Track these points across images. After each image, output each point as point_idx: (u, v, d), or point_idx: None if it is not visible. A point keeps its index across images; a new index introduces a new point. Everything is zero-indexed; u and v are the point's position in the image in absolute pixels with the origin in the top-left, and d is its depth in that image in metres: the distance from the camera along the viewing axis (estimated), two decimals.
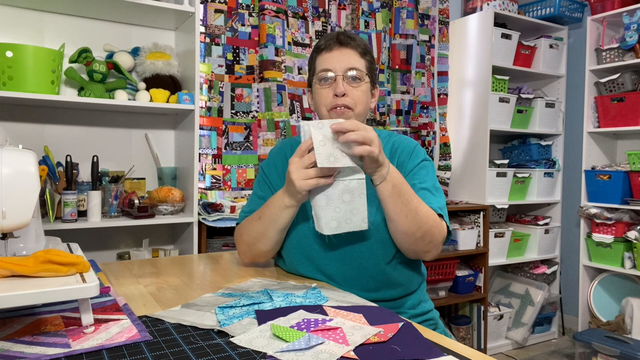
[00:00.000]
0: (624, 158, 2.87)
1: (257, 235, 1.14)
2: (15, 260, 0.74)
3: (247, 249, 1.19)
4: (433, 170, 1.18)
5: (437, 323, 1.24)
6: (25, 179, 0.81)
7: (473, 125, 2.88)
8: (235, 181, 2.35)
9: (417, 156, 1.17)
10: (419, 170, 1.15)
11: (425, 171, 1.15)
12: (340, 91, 1.12)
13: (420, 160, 1.16)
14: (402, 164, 1.15)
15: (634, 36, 2.60)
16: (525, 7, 3.10)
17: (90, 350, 0.68)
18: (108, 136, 2.11)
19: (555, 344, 3.04)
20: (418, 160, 1.16)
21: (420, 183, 1.11)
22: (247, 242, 1.17)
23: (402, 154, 1.17)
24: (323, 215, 0.98)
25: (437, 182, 1.16)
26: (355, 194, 0.97)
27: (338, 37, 1.15)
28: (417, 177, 1.13)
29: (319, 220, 0.99)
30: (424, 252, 1.08)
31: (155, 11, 1.97)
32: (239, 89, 2.37)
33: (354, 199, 0.97)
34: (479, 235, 2.75)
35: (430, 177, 1.15)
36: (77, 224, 1.78)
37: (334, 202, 0.97)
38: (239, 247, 1.22)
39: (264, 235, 1.13)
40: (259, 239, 1.14)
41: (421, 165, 1.16)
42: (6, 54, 1.65)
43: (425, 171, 1.15)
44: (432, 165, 1.20)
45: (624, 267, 2.64)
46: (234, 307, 0.86)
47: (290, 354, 0.67)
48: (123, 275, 1.14)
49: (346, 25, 2.70)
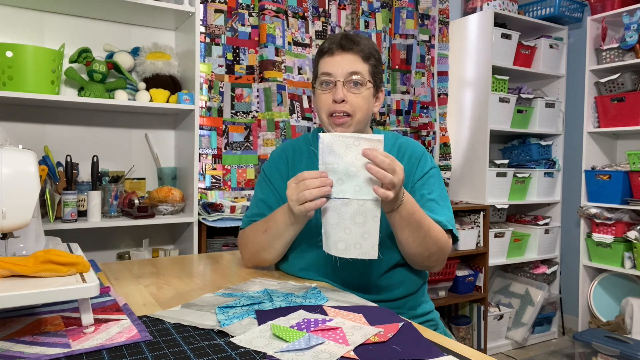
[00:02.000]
0: (624, 158, 2.87)
1: (263, 246, 1.14)
2: (15, 260, 0.74)
3: (252, 257, 1.20)
4: (440, 178, 1.19)
5: (438, 324, 1.24)
6: (25, 179, 0.81)
7: (473, 125, 2.88)
8: (235, 181, 2.35)
9: (425, 163, 1.17)
10: (428, 179, 1.16)
11: (434, 180, 1.16)
12: (339, 97, 1.10)
13: (429, 169, 1.17)
14: (410, 171, 1.16)
15: (634, 36, 2.60)
16: (525, 7, 3.10)
17: (90, 350, 0.68)
18: (108, 136, 2.11)
19: (555, 344, 3.04)
20: (427, 168, 1.17)
21: (429, 194, 1.13)
22: (252, 251, 1.19)
23: (411, 159, 1.18)
24: (332, 234, 0.95)
25: (445, 190, 1.18)
26: (368, 216, 0.92)
27: (341, 41, 1.13)
28: (426, 187, 1.14)
29: (327, 239, 0.96)
30: (429, 267, 1.15)
31: (155, 11, 1.97)
32: (239, 89, 2.37)
33: (367, 221, 0.92)
34: (479, 235, 2.75)
35: (438, 186, 1.16)
36: (77, 224, 1.78)
37: (345, 222, 0.93)
38: (243, 254, 1.22)
39: (270, 247, 1.13)
40: (264, 249, 1.15)
41: (430, 174, 1.17)
42: (6, 54, 1.65)
43: (434, 180, 1.16)
44: (439, 172, 1.21)
45: (624, 267, 2.64)
46: (234, 307, 0.86)
47: (290, 354, 0.67)
48: (123, 275, 1.14)
49: (346, 25, 2.70)
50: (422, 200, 1.11)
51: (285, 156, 1.25)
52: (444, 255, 1.11)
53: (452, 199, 2.98)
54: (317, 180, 0.92)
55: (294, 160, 1.23)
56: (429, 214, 1.08)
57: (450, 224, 1.12)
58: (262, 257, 1.17)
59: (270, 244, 1.12)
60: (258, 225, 1.16)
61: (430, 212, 1.10)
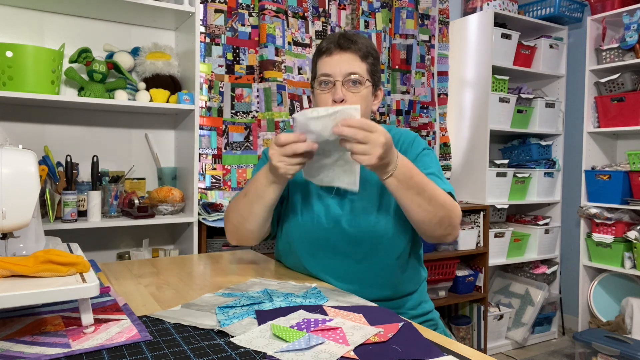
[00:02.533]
0: (624, 158, 2.87)
1: (244, 214, 1.13)
2: (15, 260, 0.74)
3: (235, 229, 1.18)
4: (436, 158, 1.18)
5: (438, 324, 1.24)
6: (25, 179, 0.81)
7: (473, 125, 2.88)
8: (235, 181, 2.35)
9: (418, 146, 1.17)
10: (422, 157, 1.15)
11: (428, 158, 1.15)
12: (338, 97, 1.11)
13: (421, 149, 1.17)
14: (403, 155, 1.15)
15: (634, 36, 2.60)
16: (525, 7, 3.10)
17: (90, 350, 0.68)
18: (108, 136, 2.11)
19: (555, 344, 3.04)
20: (420, 149, 1.17)
21: (425, 169, 1.10)
22: (234, 222, 1.16)
23: (404, 145, 1.18)
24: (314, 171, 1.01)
25: (441, 169, 1.16)
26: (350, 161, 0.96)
27: (339, 41, 1.14)
28: (421, 164, 1.12)
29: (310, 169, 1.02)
30: (443, 236, 1.08)
31: (155, 11, 1.97)
32: (239, 89, 2.37)
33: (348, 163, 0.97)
34: (479, 235, 2.75)
35: (434, 163, 1.15)
36: (77, 224, 1.77)
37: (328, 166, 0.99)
38: (227, 227, 1.20)
39: (250, 213, 1.11)
40: (246, 217, 1.13)
41: (423, 154, 1.16)
42: (6, 54, 1.65)
43: (429, 158, 1.16)
44: (434, 153, 1.20)
45: (624, 267, 2.64)
46: (234, 307, 0.86)
47: (290, 354, 0.67)
48: (123, 275, 1.14)
49: (346, 25, 2.70)
50: None
51: None
52: (456, 219, 1.06)
53: None
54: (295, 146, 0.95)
55: None
56: None
57: (453, 193, 1.10)
58: (245, 229, 1.15)
59: (251, 209, 1.11)
60: (240, 192, 1.16)
61: None
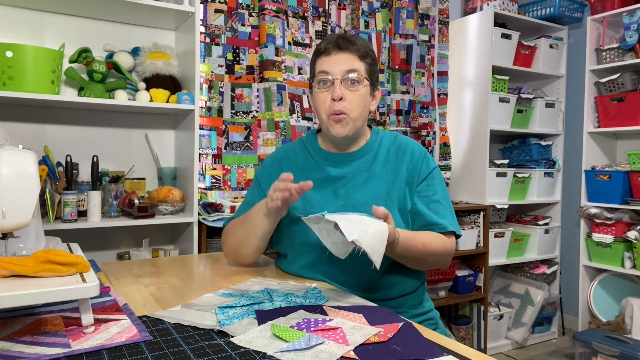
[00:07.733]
0: (624, 158, 2.87)
1: (240, 239, 1.20)
2: (15, 260, 0.74)
3: (232, 251, 1.26)
4: (442, 179, 1.24)
5: (437, 323, 1.24)
6: (25, 179, 0.81)
7: (473, 125, 2.88)
8: (235, 181, 2.35)
9: (429, 163, 1.21)
10: (432, 180, 1.20)
11: (437, 181, 1.21)
12: (337, 95, 1.12)
13: (432, 169, 1.21)
14: (415, 168, 1.19)
15: (634, 36, 2.60)
16: (525, 7, 3.10)
17: (90, 350, 0.68)
18: (108, 136, 2.11)
19: (555, 344, 3.04)
20: (431, 168, 1.21)
21: (433, 195, 1.17)
22: (231, 245, 1.25)
23: (414, 157, 1.21)
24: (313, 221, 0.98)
25: (446, 190, 1.23)
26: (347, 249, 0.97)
27: (337, 41, 1.15)
28: (431, 189, 1.18)
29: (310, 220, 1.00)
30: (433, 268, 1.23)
31: (155, 11, 1.97)
32: (239, 89, 2.37)
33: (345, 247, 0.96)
34: (479, 235, 2.75)
35: (441, 187, 1.21)
36: (77, 224, 1.78)
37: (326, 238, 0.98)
38: (224, 248, 1.28)
39: (246, 240, 1.19)
40: (241, 243, 1.21)
41: (434, 175, 1.21)
42: (6, 54, 1.65)
43: (438, 181, 1.21)
44: (441, 173, 1.25)
45: (624, 267, 2.64)
46: (234, 307, 0.86)
47: (290, 354, 0.67)
48: (123, 275, 1.14)
49: (346, 25, 2.70)
50: (427, 202, 1.17)
51: (279, 162, 1.29)
52: (447, 258, 1.17)
53: (452, 199, 2.98)
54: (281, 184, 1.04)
55: (288, 165, 1.27)
56: (434, 216, 1.14)
57: (453, 225, 1.16)
58: (240, 252, 1.23)
59: (246, 237, 1.18)
60: (239, 218, 1.24)
61: (435, 213, 1.15)
